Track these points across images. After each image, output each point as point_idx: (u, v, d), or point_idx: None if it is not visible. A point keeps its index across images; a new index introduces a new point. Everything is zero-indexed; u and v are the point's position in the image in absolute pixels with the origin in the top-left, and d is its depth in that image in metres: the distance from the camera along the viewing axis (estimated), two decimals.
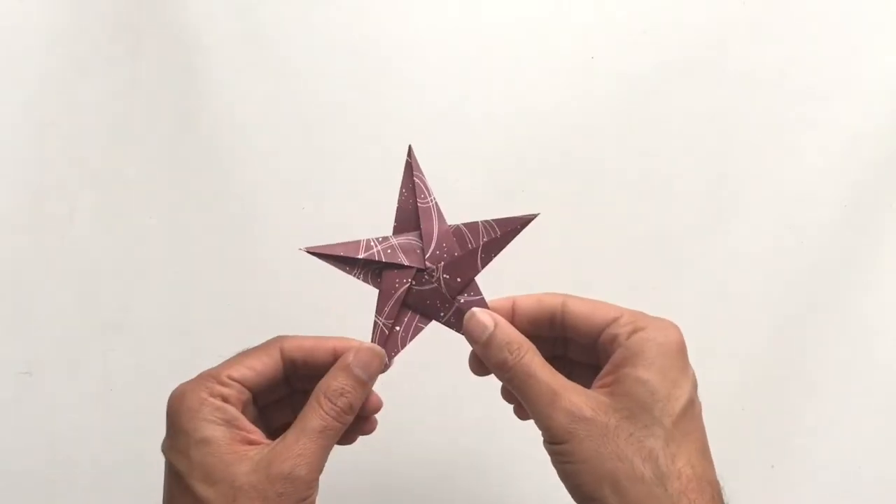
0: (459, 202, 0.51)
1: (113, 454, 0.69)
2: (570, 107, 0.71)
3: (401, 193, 0.47)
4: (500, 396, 0.49)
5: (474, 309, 0.45)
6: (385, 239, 0.46)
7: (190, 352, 0.69)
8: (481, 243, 0.46)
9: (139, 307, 0.70)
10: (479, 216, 0.48)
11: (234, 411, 0.42)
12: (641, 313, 0.43)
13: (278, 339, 0.46)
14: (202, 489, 0.40)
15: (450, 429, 0.70)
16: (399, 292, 0.46)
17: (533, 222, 0.47)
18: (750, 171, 0.71)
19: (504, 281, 0.48)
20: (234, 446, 0.41)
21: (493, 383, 0.46)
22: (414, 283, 0.46)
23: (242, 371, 0.44)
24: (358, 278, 0.46)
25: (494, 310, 0.45)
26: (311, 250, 0.45)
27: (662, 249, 0.71)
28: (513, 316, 0.45)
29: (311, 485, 0.41)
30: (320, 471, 0.42)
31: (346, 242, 0.46)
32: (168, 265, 0.70)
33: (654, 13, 0.71)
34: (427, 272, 0.46)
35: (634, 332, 0.42)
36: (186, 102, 0.70)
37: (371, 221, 0.69)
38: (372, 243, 0.46)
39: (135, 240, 0.70)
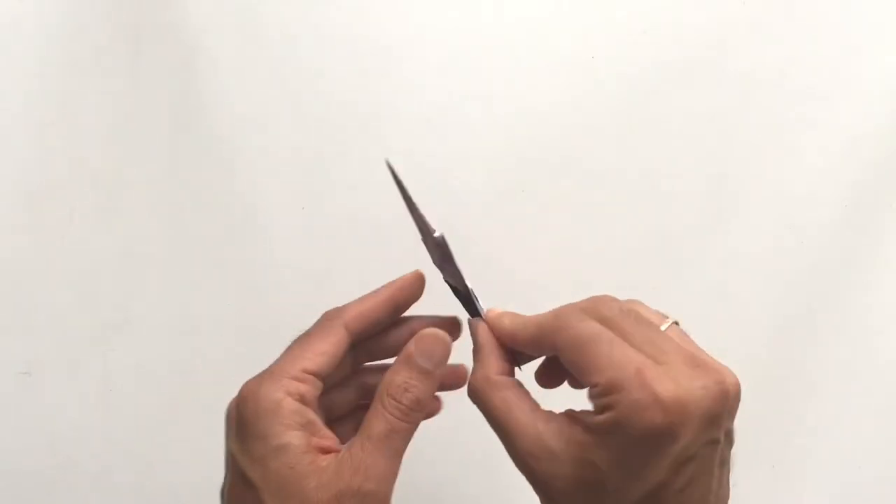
0: (460, 202, 0.51)
1: (113, 454, 0.69)
2: (570, 107, 0.71)
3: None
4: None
5: (469, 319, 0.43)
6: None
7: (190, 352, 0.69)
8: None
9: (139, 307, 0.70)
10: (480, 216, 0.48)
11: (311, 414, 0.39)
12: (630, 372, 0.35)
13: (336, 314, 0.43)
14: None
15: (452, 428, 0.70)
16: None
17: (534, 223, 0.46)
18: (750, 171, 0.71)
19: (505, 281, 0.48)
20: (311, 455, 0.38)
21: None
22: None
23: (316, 360, 0.40)
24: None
25: (495, 328, 0.42)
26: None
27: (662, 249, 0.71)
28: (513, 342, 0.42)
29: (384, 499, 0.38)
30: (393, 480, 0.39)
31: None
32: (168, 265, 0.70)
33: (654, 13, 0.71)
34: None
35: (606, 408, 0.35)
36: (186, 102, 0.70)
37: (371, 222, 0.69)
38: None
39: (135, 240, 0.70)
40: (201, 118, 0.70)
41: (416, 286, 0.44)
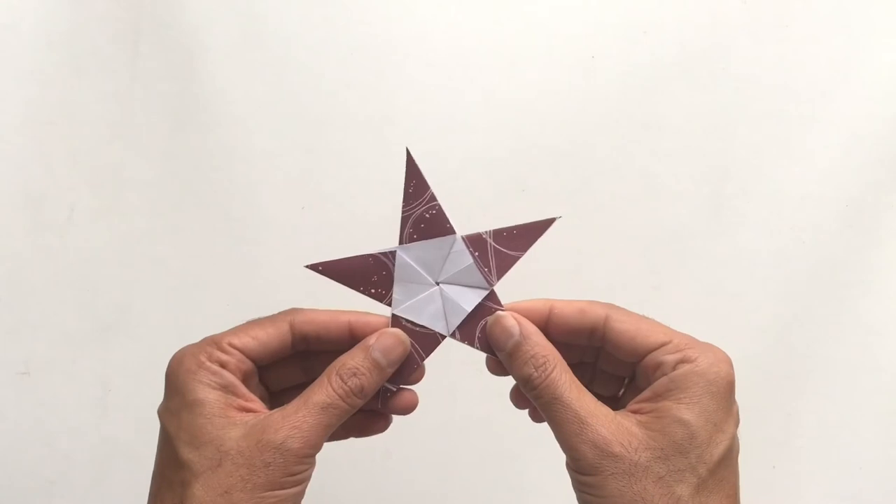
0: (460, 202, 0.50)
1: (111, 454, 0.69)
2: (570, 106, 0.71)
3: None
4: (508, 397, 0.46)
5: (499, 313, 0.42)
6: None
7: None
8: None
9: (138, 308, 0.70)
10: (480, 216, 0.48)
11: (230, 377, 0.40)
12: (691, 339, 0.40)
13: (290, 312, 0.44)
14: (186, 452, 0.38)
15: (451, 427, 0.70)
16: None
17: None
18: (750, 172, 0.71)
19: (504, 281, 0.48)
20: (228, 411, 0.39)
21: (493, 382, 0.46)
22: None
23: (245, 340, 0.41)
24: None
25: (528, 311, 0.42)
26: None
27: (663, 249, 0.71)
28: (548, 321, 0.42)
29: (304, 461, 0.39)
30: (316, 448, 0.39)
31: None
32: (167, 265, 0.70)
33: (654, 13, 0.71)
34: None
35: (682, 362, 0.39)
36: (186, 102, 0.70)
37: (371, 221, 0.69)
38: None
39: (134, 240, 0.70)
40: (201, 118, 0.70)
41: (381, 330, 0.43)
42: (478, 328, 0.43)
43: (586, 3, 0.71)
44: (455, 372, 0.51)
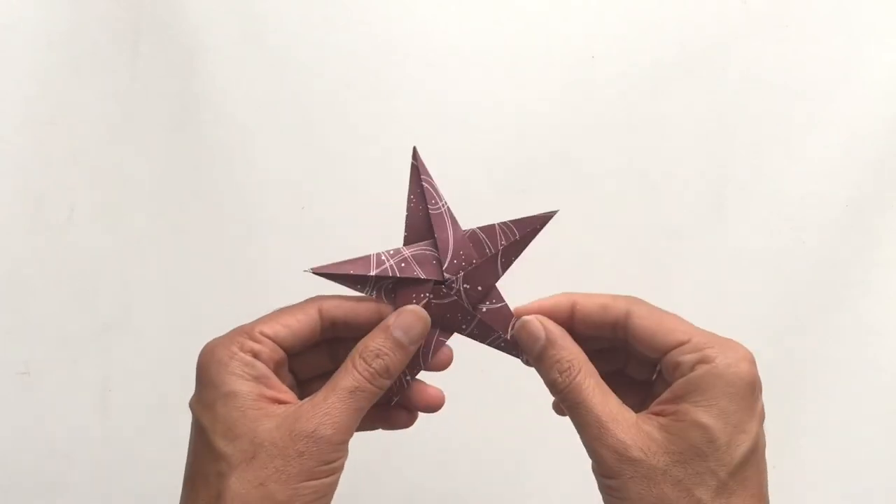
0: (459, 202, 0.50)
1: (112, 454, 0.69)
2: (570, 107, 0.71)
3: (409, 200, 0.44)
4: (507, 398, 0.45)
5: (525, 318, 0.41)
6: (397, 251, 0.43)
7: (189, 352, 0.69)
8: (500, 248, 0.43)
9: (138, 307, 0.70)
10: (480, 216, 0.47)
11: (263, 368, 0.40)
12: (711, 337, 0.40)
13: (317, 298, 0.44)
14: (222, 444, 0.38)
15: (453, 422, 0.70)
16: None
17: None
18: (750, 171, 0.71)
19: (504, 281, 0.48)
20: (261, 402, 0.39)
21: (496, 383, 0.46)
22: (432, 296, 0.42)
23: (276, 328, 0.42)
24: (370, 296, 0.43)
25: (551, 309, 0.42)
26: (318, 270, 0.42)
27: (662, 249, 0.71)
28: (572, 318, 0.43)
29: (338, 447, 0.39)
30: (349, 434, 0.40)
31: (355, 259, 0.42)
32: (168, 266, 0.70)
33: (654, 13, 0.71)
34: (446, 284, 0.42)
35: (700, 362, 0.38)
36: (186, 102, 0.70)
37: (370, 221, 0.69)
38: (383, 257, 0.42)
39: (135, 240, 0.70)
40: (201, 118, 0.70)
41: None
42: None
43: (586, 3, 0.71)
44: (461, 374, 0.51)
